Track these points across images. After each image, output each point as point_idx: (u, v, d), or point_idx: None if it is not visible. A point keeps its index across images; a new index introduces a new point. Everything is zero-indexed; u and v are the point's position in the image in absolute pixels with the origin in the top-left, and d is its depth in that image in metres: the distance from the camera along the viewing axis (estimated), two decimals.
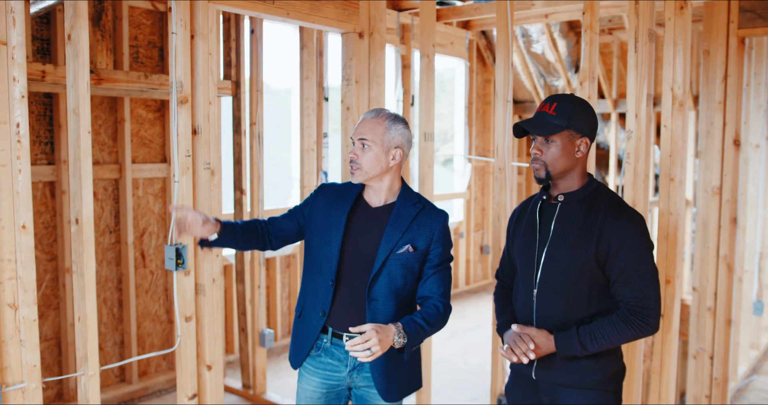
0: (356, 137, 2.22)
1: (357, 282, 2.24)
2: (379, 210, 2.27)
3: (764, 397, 4.66)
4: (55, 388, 4.10)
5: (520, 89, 7.85)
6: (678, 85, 2.86)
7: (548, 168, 2.09)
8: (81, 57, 2.49)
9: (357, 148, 2.21)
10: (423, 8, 3.55)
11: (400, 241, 2.20)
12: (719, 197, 3.79)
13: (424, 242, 2.22)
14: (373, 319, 2.21)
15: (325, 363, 2.30)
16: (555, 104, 2.08)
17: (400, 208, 2.25)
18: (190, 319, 2.85)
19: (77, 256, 2.55)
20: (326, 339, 2.29)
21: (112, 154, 4.34)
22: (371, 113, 2.25)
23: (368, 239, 2.24)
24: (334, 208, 2.30)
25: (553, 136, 2.07)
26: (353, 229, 2.27)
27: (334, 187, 2.39)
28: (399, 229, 2.21)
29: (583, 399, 2.12)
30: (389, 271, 2.21)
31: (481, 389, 4.69)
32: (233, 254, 4.77)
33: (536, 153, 2.10)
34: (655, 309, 2.04)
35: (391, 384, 2.26)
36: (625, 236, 2.03)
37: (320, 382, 2.31)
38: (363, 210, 2.29)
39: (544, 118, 2.08)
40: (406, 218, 2.22)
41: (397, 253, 2.20)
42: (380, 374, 2.23)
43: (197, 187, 2.85)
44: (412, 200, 2.27)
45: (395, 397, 2.28)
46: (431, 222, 2.24)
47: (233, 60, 4.34)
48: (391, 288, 2.21)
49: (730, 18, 3.68)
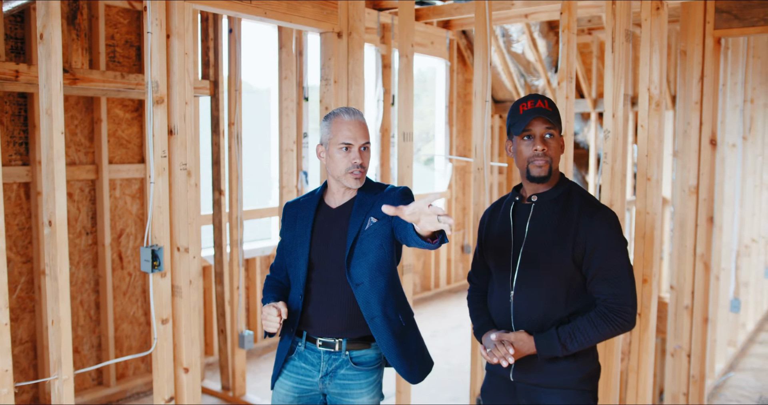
0: (359, 141, 2.19)
1: (333, 282, 2.22)
2: (340, 208, 2.27)
3: (741, 394, 4.71)
4: (30, 391, 4.04)
5: (501, 89, 7.87)
6: (654, 85, 2.88)
7: (552, 164, 2.09)
8: (54, 56, 2.45)
9: (363, 153, 2.20)
10: (402, 8, 3.54)
11: (364, 221, 2.20)
12: (696, 196, 3.82)
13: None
14: (367, 303, 2.19)
15: (299, 367, 2.29)
16: (546, 101, 2.09)
17: (361, 199, 2.24)
18: (167, 322, 2.82)
19: (51, 258, 2.51)
20: (300, 343, 2.28)
21: (88, 155, 4.29)
22: (360, 115, 2.23)
23: (334, 238, 2.23)
24: (298, 222, 2.31)
25: (552, 131, 2.09)
26: (318, 235, 2.26)
27: (296, 203, 2.39)
28: (362, 214, 2.21)
29: (561, 399, 2.13)
30: (362, 249, 2.19)
31: (462, 389, 4.69)
32: (212, 255, 4.73)
33: (543, 148, 2.07)
34: (632, 305, 2.05)
35: (412, 364, 2.25)
36: (601, 234, 2.04)
37: (292, 385, 2.29)
38: (325, 215, 2.29)
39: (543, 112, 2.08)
40: (368, 204, 2.22)
41: (364, 231, 2.19)
42: (396, 357, 2.21)
43: (173, 188, 2.81)
44: (373, 190, 2.27)
45: (417, 378, 2.27)
46: (390, 193, 2.24)
47: (212, 59, 4.31)
48: (372, 265, 2.20)
49: (706, 18, 3.71)
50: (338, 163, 2.19)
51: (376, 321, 2.20)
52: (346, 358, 2.24)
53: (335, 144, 2.19)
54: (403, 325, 2.26)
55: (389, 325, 2.21)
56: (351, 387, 2.25)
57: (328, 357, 2.25)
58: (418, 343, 2.33)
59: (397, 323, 2.24)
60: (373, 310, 2.20)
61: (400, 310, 2.28)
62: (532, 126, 2.09)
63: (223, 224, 4.41)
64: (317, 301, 2.24)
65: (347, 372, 2.25)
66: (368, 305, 2.20)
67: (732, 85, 4.94)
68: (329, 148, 2.22)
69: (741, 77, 5.04)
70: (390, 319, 2.22)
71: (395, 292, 2.27)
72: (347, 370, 2.24)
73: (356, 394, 2.26)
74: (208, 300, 4.99)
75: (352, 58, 3.45)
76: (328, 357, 2.25)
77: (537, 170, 2.09)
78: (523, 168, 2.13)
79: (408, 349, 2.26)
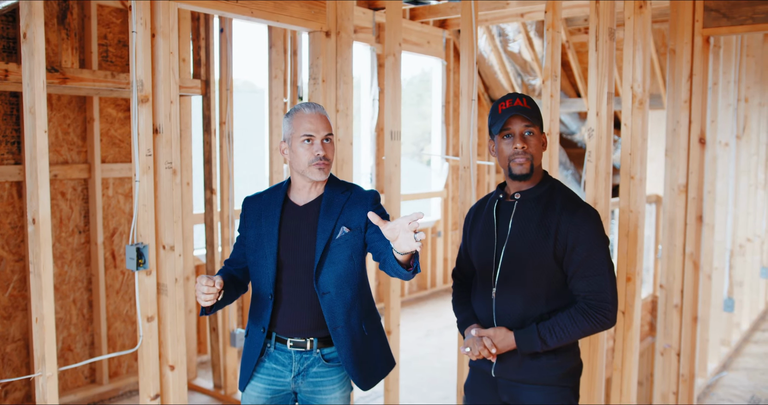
0: (320, 135, 2.17)
1: (303, 283, 2.21)
2: (307, 206, 2.25)
3: (734, 394, 4.71)
4: (23, 389, 4.07)
5: (498, 88, 7.87)
6: (638, 83, 2.88)
7: (533, 161, 2.10)
8: (37, 56, 2.47)
9: (326, 145, 2.19)
10: (389, 7, 3.55)
11: (335, 228, 2.18)
12: (685, 195, 3.82)
13: (358, 219, 2.20)
14: (331, 312, 2.19)
15: (269, 368, 2.28)
16: (525, 99, 2.11)
17: (329, 198, 2.23)
18: (152, 319, 2.84)
19: (34, 256, 2.53)
20: (270, 344, 2.27)
21: (81, 154, 4.31)
22: (321, 108, 2.22)
23: (303, 238, 2.22)
24: (263, 219, 2.27)
25: (533, 129, 2.10)
26: (286, 234, 2.24)
27: (257, 198, 2.35)
28: (331, 218, 2.19)
29: (541, 395, 2.14)
30: (332, 259, 2.18)
31: (454, 387, 4.70)
32: (204, 254, 4.75)
33: (523, 146, 2.09)
34: (612, 302, 2.06)
35: (365, 372, 2.25)
36: (581, 232, 2.05)
37: (264, 387, 2.28)
38: (292, 212, 2.26)
39: (523, 110, 2.09)
40: (337, 206, 2.21)
41: (335, 239, 2.18)
42: (352, 366, 2.22)
43: (159, 187, 2.83)
44: (340, 189, 2.26)
45: (372, 384, 2.28)
46: (362, 200, 2.23)
47: (203, 59, 4.32)
48: (341, 275, 2.19)
49: (695, 17, 3.71)
50: (301, 157, 2.17)
51: (338, 331, 2.20)
52: (318, 357, 2.24)
53: (297, 138, 2.17)
54: (365, 334, 2.27)
55: (350, 334, 2.22)
56: (323, 384, 2.26)
57: (299, 356, 2.24)
58: (380, 349, 2.34)
59: (360, 333, 2.25)
60: (336, 320, 2.20)
61: (365, 320, 2.28)
62: (510, 124, 2.11)
63: (214, 223, 4.43)
64: (287, 301, 2.23)
65: (319, 370, 2.25)
66: (332, 314, 2.20)
67: (725, 83, 4.93)
68: (292, 143, 2.20)
69: (734, 76, 5.03)
70: (352, 329, 2.22)
71: (361, 301, 2.26)
72: (319, 367, 2.25)
73: (329, 390, 2.27)
74: None
75: (340, 58, 3.47)
76: (300, 356, 2.24)
77: (518, 168, 2.11)
78: (505, 166, 2.15)
79: (367, 357, 2.26)
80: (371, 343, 2.29)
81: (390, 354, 2.40)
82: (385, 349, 2.37)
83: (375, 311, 2.37)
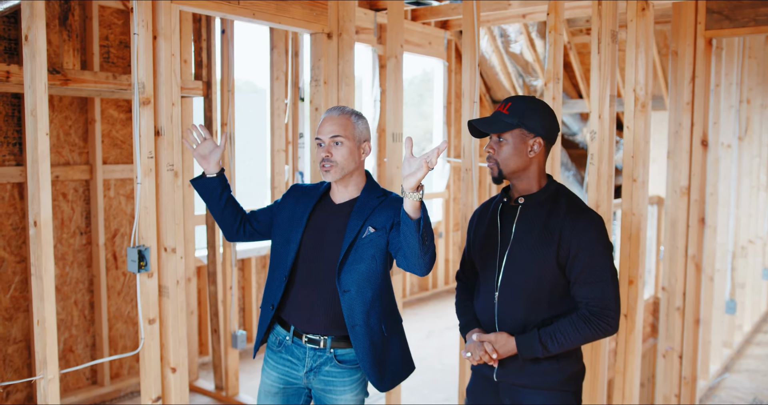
0: (326, 136, 2.21)
1: (323, 280, 2.24)
2: (342, 205, 2.29)
3: (736, 396, 4.70)
4: (24, 390, 4.06)
5: (499, 89, 7.86)
6: (640, 86, 2.88)
7: (500, 167, 2.10)
8: (38, 58, 2.47)
9: (329, 146, 2.21)
10: (391, 8, 3.54)
11: (362, 228, 2.22)
12: (687, 197, 3.81)
13: (385, 221, 2.23)
14: (350, 310, 2.21)
15: (285, 359, 2.32)
16: (510, 104, 2.10)
17: (363, 200, 2.27)
18: (154, 322, 2.84)
19: (36, 258, 2.53)
20: (288, 336, 2.31)
21: (82, 155, 4.31)
22: (335, 111, 2.25)
23: (331, 234, 2.26)
24: (299, 205, 2.34)
25: (505, 135, 2.08)
26: (314, 225, 2.29)
27: (303, 187, 2.44)
28: (361, 218, 2.23)
29: (543, 399, 2.13)
30: (355, 257, 2.21)
31: (455, 389, 4.69)
32: (205, 255, 4.74)
33: (489, 151, 2.12)
34: (615, 309, 2.05)
35: (382, 373, 2.26)
36: (585, 238, 2.04)
37: (278, 377, 2.34)
38: (327, 207, 2.32)
39: (497, 117, 2.10)
40: (368, 208, 2.24)
41: (361, 238, 2.21)
42: (369, 365, 2.23)
43: (161, 189, 2.83)
44: (376, 193, 2.29)
45: (388, 386, 2.29)
46: (393, 204, 2.26)
47: (204, 60, 4.32)
48: (362, 274, 2.21)
49: (697, 19, 3.70)
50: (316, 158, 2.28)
51: (356, 329, 2.22)
52: (331, 356, 2.26)
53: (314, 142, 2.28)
54: (384, 335, 2.27)
55: (369, 334, 2.23)
56: (335, 384, 2.28)
57: (313, 353, 2.27)
58: (400, 351, 2.34)
59: (379, 333, 2.25)
60: (355, 318, 2.22)
61: (385, 320, 2.28)
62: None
63: (215, 224, 4.42)
64: (304, 294, 2.27)
65: (331, 369, 2.27)
66: (351, 313, 2.21)
67: (727, 85, 4.92)
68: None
69: (736, 78, 5.02)
70: (371, 328, 2.23)
71: (382, 301, 2.27)
72: (331, 367, 2.27)
73: (339, 391, 2.28)
74: (203, 300, 5.01)
75: (342, 59, 3.46)
76: (313, 353, 2.27)
77: (490, 171, 2.13)
78: None
79: (385, 358, 2.27)
80: (390, 344, 2.30)
81: (410, 358, 2.40)
82: (405, 352, 2.38)
83: (396, 313, 2.38)
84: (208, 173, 2.40)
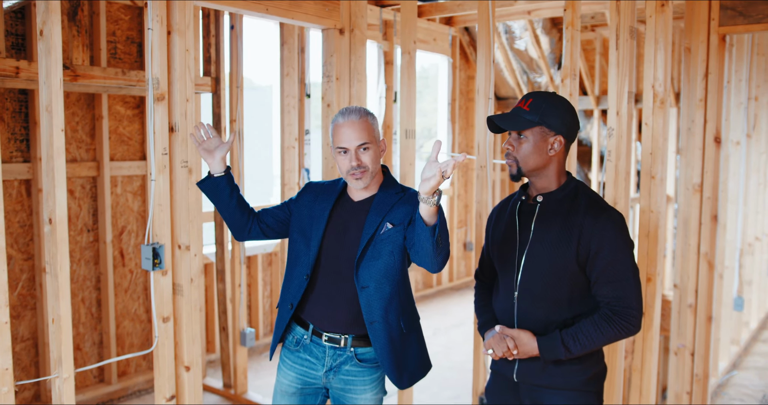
0: (353, 144, 2.18)
1: (342, 277, 2.22)
2: (361, 203, 2.28)
3: (745, 393, 4.69)
4: (32, 389, 4.04)
5: (503, 86, 7.84)
6: (659, 82, 2.85)
7: (519, 164, 2.07)
8: (53, 53, 2.43)
9: (357, 153, 2.18)
10: (404, 5, 3.52)
11: (381, 224, 2.20)
12: (700, 194, 3.79)
13: (403, 217, 2.21)
14: (369, 306, 2.19)
15: (303, 359, 2.30)
16: (531, 100, 2.07)
17: (382, 197, 2.25)
18: (168, 320, 2.81)
19: (51, 256, 2.50)
20: (306, 335, 2.29)
21: (89, 152, 4.28)
22: (353, 115, 2.21)
23: (350, 233, 2.24)
24: (318, 203, 2.32)
25: (525, 132, 2.05)
26: (335, 223, 2.27)
27: (319, 184, 2.41)
28: (380, 214, 2.21)
29: (565, 400, 2.11)
30: (373, 253, 2.19)
31: (464, 387, 4.68)
32: (213, 253, 4.72)
33: (508, 148, 2.09)
34: (637, 308, 2.02)
35: (402, 370, 2.25)
36: (605, 236, 2.01)
37: (296, 377, 2.31)
38: (346, 204, 2.30)
39: (518, 113, 2.07)
40: (387, 204, 2.23)
41: (379, 235, 2.20)
42: (388, 362, 2.21)
43: (174, 186, 2.80)
44: (394, 190, 2.28)
45: (406, 384, 2.28)
46: (411, 200, 2.24)
47: (213, 56, 4.29)
48: (380, 270, 2.19)
49: (711, 15, 3.68)
50: (340, 166, 2.23)
51: (375, 325, 2.20)
52: (351, 355, 2.24)
53: (335, 149, 2.22)
54: (403, 331, 2.25)
55: (388, 330, 2.21)
56: (354, 383, 2.26)
57: (333, 352, 2.25)
58: (417, 348, 2.32)
59: (397, 329, 2.24)
60: (374, 314, 2.20)
61: (403, 316, 2.26)
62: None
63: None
64: (324, 292, 2.25)
65: (351, 368, 2.25)
66: (370, 309, 2.20)
67: (736, 82, 4.91)
68: (333, 151, 2.24)
69: (745, 74, 5.01)
70: (390, 324, 2.22)
71: (400, 298, 2.25)
72: (351, 366, 2.25)
73: (359, 391, 2.26)
74: (210, 297, 4.98)
75: (354, 55, 3.43)
76: (333, 352, 2.25)
77: (508, 168, 2.10)
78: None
79: (404, 355, 2.26)
80: (409, 341, 2.28)
81: (427, 356, 2.38)
82: (423, 350, 2.36)
83: (414, 310, 2.36)
84: (214, 171, 2.36)
